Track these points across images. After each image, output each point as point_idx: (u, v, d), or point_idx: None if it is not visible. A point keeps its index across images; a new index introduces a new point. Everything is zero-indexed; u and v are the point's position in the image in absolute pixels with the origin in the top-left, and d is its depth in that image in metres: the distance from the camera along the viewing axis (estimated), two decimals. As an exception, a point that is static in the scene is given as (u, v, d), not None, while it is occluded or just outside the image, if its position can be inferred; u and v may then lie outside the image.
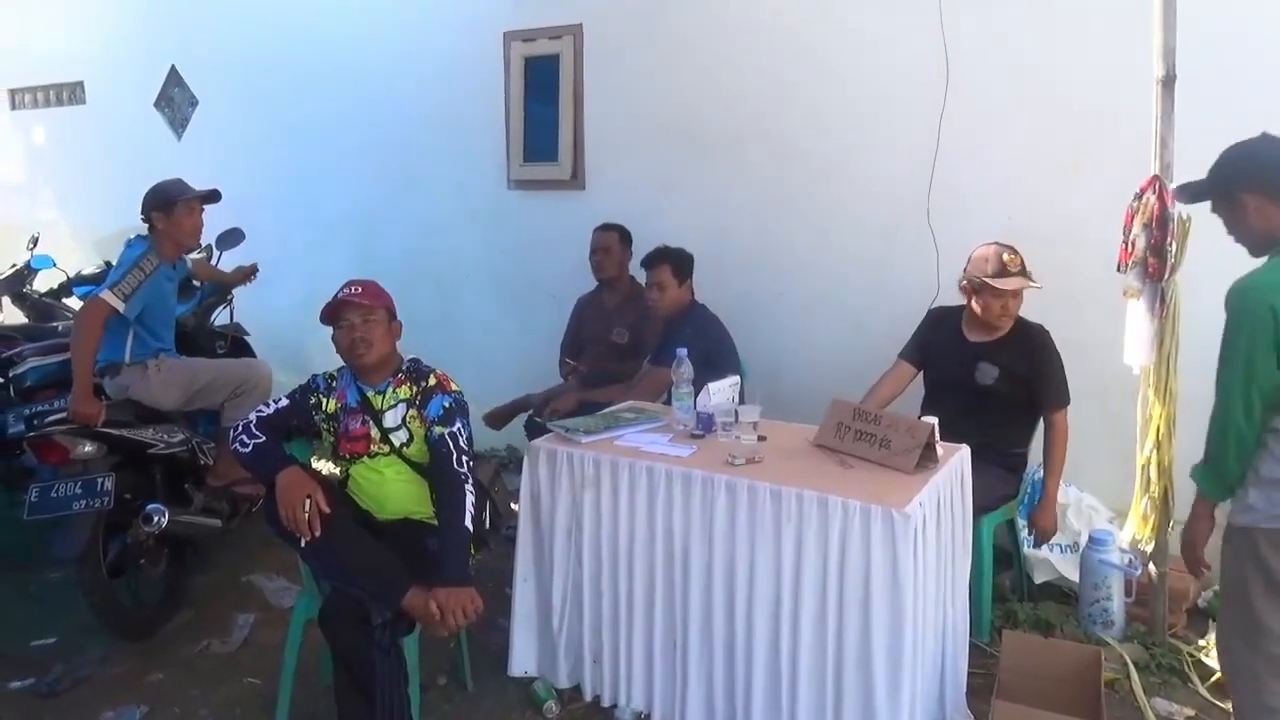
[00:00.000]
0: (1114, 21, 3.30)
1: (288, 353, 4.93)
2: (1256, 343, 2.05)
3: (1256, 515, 2.11)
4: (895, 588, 2.28)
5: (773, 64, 4.17)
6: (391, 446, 2.66)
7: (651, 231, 4.11)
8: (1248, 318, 2.06)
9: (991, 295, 3.12)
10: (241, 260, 4.23)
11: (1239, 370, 2.08)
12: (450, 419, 2.60)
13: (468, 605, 2.38)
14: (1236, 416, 2.09)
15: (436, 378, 2.70)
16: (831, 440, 2.75)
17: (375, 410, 2.68)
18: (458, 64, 5.07)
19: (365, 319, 2.62)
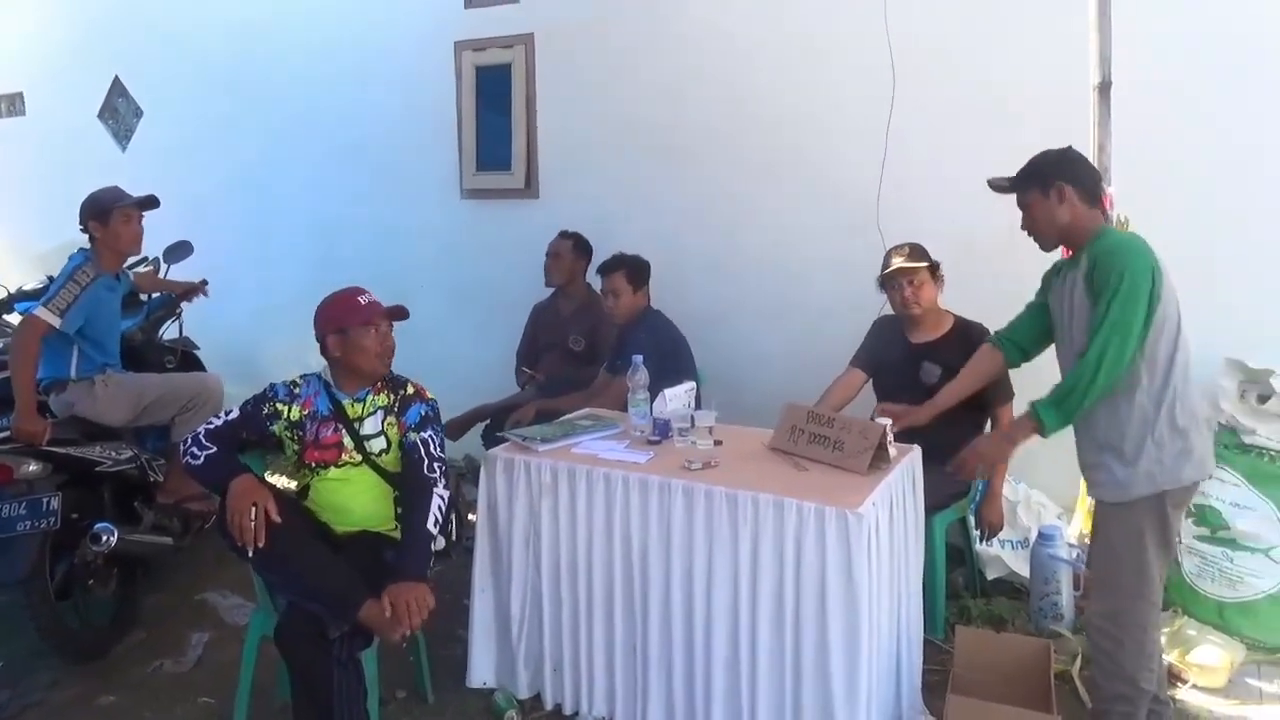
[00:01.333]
0: (1054, 28, 3.39)
1: (240, 366, 4.86)
2: (1136, 293, 2.25)
3: (1163, 480, 2.31)
4: (850, 587, 2.31)
5: (725, 71, 4.21)
6: (365, 455, 2.65)
7: (608, 239, 4.13)
8: (1130, 270, 2.25)
9: (890, 286, 3.30)
10: (191, 274, 4.16)
11: (1136, 319, 2.25)
12: (426, 425, 2.64)
13: (419, 600, 2.34)
14: (1123, 362, 2.27)
15: (414, 386, 2.74)
16: (786, 444, 2.79)
17: (350, 419, 2.66)
18: (409, 74, 5.05)
19: (388, 327, 2.69)
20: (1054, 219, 2.44)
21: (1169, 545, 2.40)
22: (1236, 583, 3.16)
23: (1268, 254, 3.30)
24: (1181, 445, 2.32)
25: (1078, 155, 2.47)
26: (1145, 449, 2.32)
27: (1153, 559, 2.36)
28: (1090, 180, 2.45)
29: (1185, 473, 2.33)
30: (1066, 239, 2.49)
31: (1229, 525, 3.19)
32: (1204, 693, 2.90)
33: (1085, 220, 2.42)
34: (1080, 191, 2.41)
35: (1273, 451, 3.19)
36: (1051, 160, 2.47)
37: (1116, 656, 2.41)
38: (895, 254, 3.32)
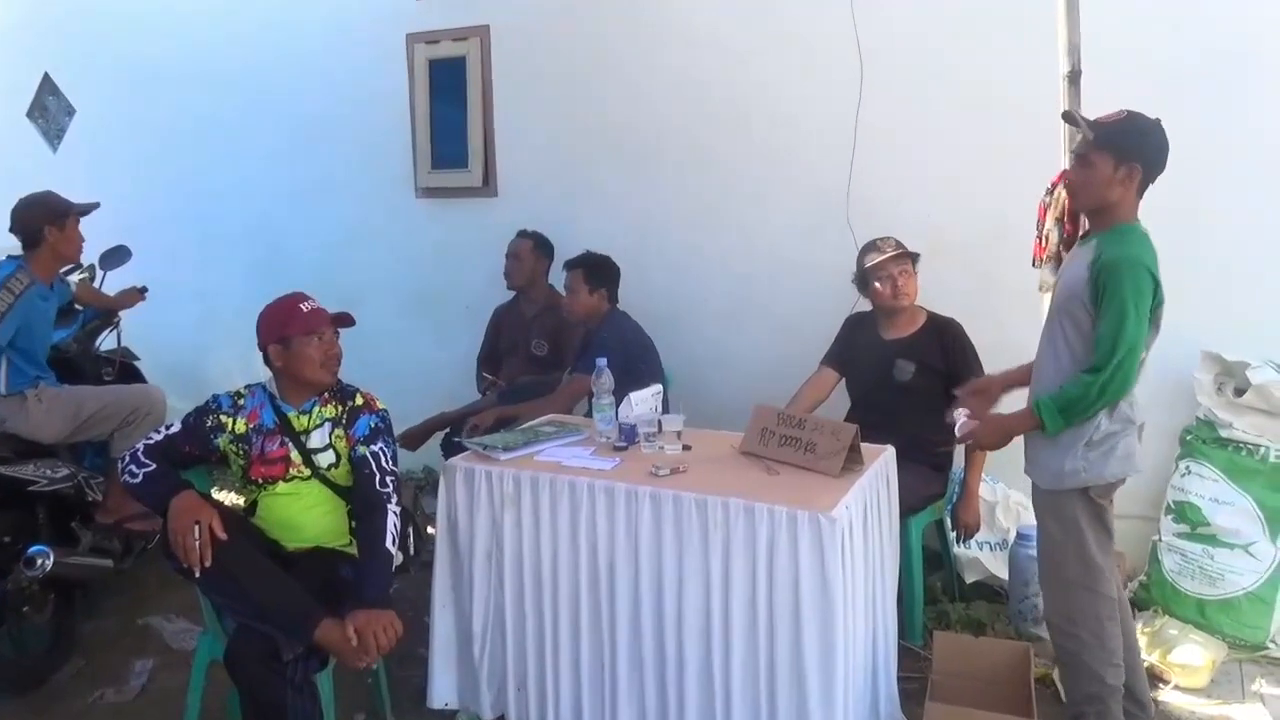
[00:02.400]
0: (1023, 18, 3.34)
1: (183, 377, 4.70)
2: (1143, 306, 2.23)
3: (1088, 476, 2.35)
4: (825, 592, 2.24)
5: (689, 65, 4.13)
6: (314, 469, 2.55)
7: (570, 238, 4.04)
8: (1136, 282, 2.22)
9: (874, 277, 3.22)
10: (128, 281, 3.99)
11: (1140, 331, 2.24)
12: (376, 437, 2.54)
13: (387, 628, 2.25)
14: (1133, 373, 2.26)
15: (363, 397, 2.63)
16: (757, 447, 2.71)
17: (296, 431, 2.56)
18: (358, 68, 4.90)
19: (334, 334, 2.58)
20: (1105, 192, 2.33)
21: (1107, 533, 2.43)
22: (1217, 580, 3.11)
23: (1242, 245, 3.28)
24: (1109, 445, 2.35)
25: (1164, 140, 2.33)
26: (1078, 448, 2.35)
27: (1093, 547, 2.39)
28: (1157, 172, 2.34)
29: (1110, 469, 2.36)
30: (1099, 213, 2.40)
31: (1209, 522, 3.15)
32: (1186, 693, 2.87)
33: (1126, 207, 2.34)
34: (1143, 181, 2.33)
35: (1250, 445, 3.16)
36: (1140, 135, 2.31)
37: (1081, 655, 2.41)
38: (883, 245, 3.25)
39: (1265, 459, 3.14)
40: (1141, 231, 2.33)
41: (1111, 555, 2.45)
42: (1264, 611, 3.05)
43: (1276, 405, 3.12)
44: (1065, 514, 2.42)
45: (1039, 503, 2.52)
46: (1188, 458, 3.28)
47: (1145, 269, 2.24)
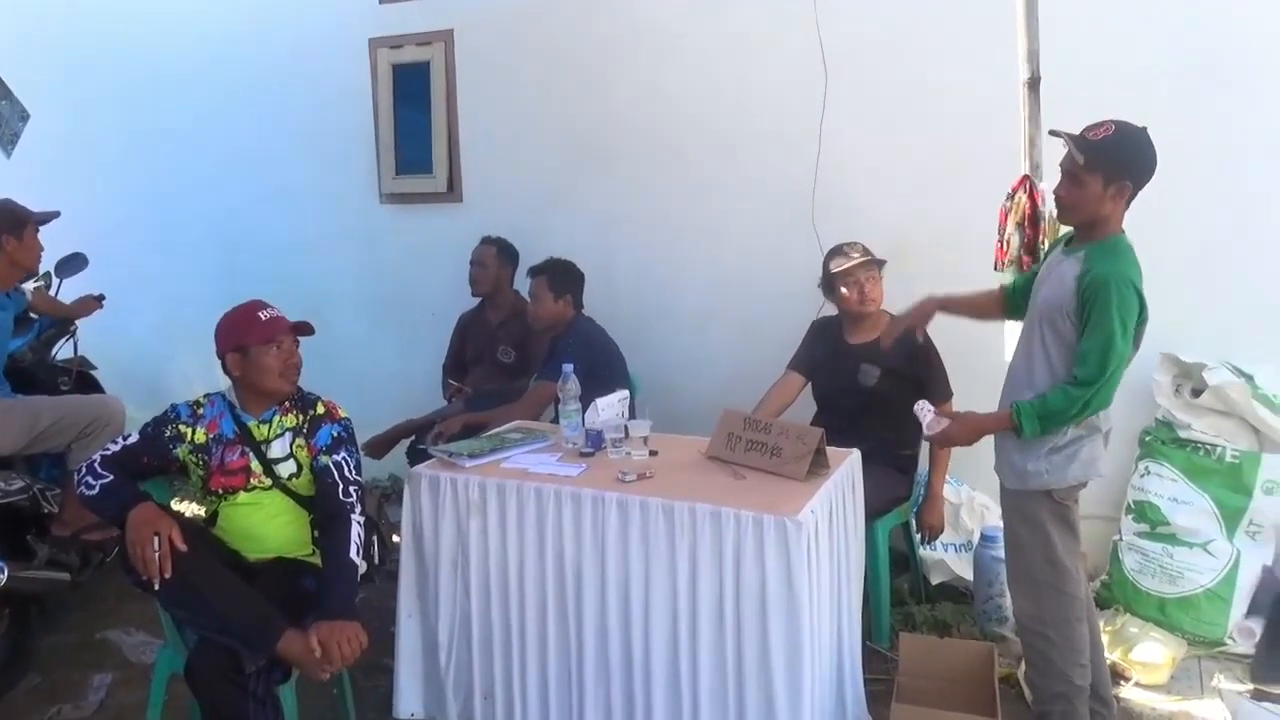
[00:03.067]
0: (983, 25, 3.37)
1: (142, 386, 4.62)
2: (1129, 322, 2.25)
3: (1051, 480, 2.38)
4: (791, 596, 2.25)
5: (656, 70, 4.13)
6: (275, 479, 2.51)
7: (536, 243, 4.02)
8: (1123, 298, 2.23)
9: (841, 283, 3.23)
10: (85, 289, 3.92)
11: (1126, 349, 2.26)
12: (338, 447, 2.51)
13: (352, 639, 2.22)
14: (1115, 389, 2.29)
15: (325, 405, 2.60)
16: (723, 451, 2.71)
17: (256, 441, 2.52)
18: (320, 73, 4.86)
19: (293, 343, 2.54)
20: (1095, 208, 2.32)
21: (1073, 534, 2.46)
22: (1177, 578, 3.16)
23: (1199, 249, 3.33)
24: (1073, 450, 2.38)
25: (1152, 150, 2.32)
26: (1042, 451, 2.38)
27: (1060, 548, 2.41)
28: (1144, 184, 2.34)
29: (1072, 473, 2.39)
30: (1086, 227, 2.39)
31: (1168, 521, 3.19)
32: (1147, 690, 2.90)
33: (1114, 221, 2.35)
34: (1132, 195, 2.33)
35: (1207, 445, 3.21)
36: (1131, 152, 2.30)
37: (1049, 655, 2.44)
38: (850, 251, 3.25)
39: (1222, 459, 3.19)
40: (1127, 244, 2.33)
41: (1078, 556, 2.48)
42: (1222, 608, 3.10)
43: (1232, 406, 3.18)
44: (1031, 515, 2.44)
45: (1005, 503, 2.54)
46: (1147, 458, 3.33)
47: (1132, 286, 2.25)
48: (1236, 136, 3.29)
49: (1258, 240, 3.30)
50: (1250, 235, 3.30)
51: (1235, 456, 3.17)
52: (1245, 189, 3.29)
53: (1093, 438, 2.39)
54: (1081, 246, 2.37)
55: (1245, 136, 3.28)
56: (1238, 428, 3.21)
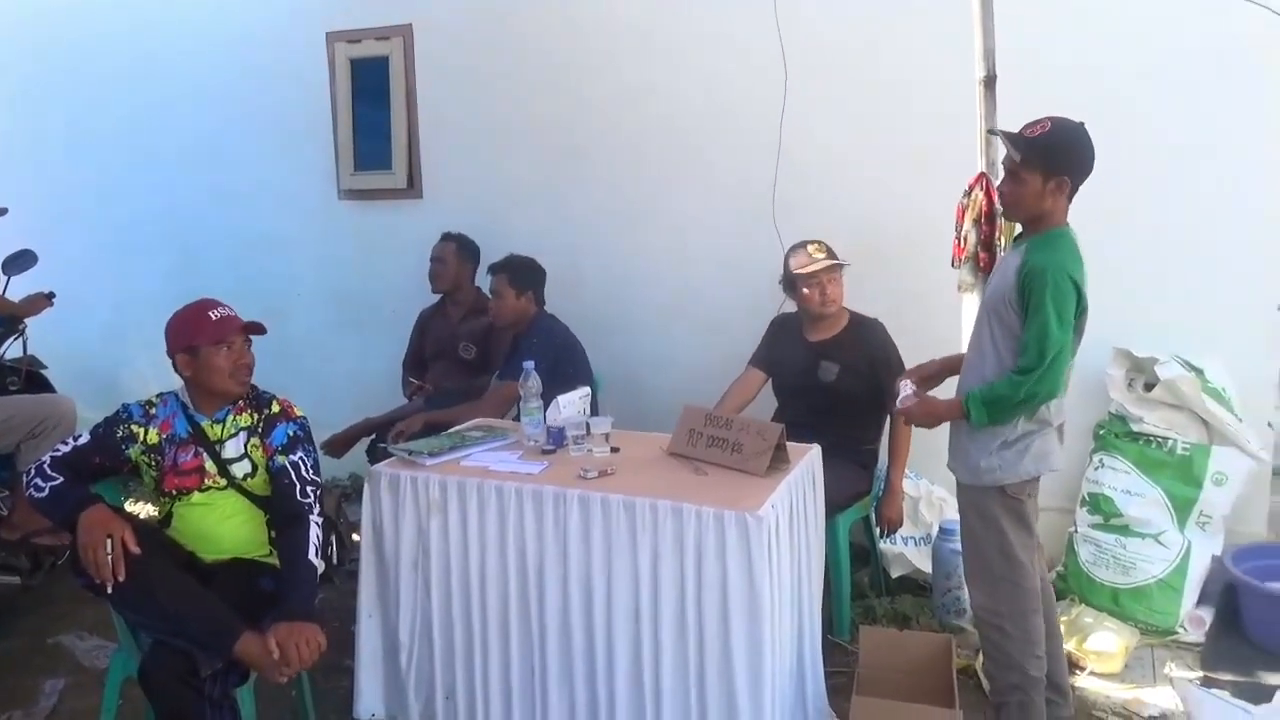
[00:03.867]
0: (940, 23, 3.41)
1: (95, 386, 4.53)
2: (1066, 313, 2.28)
3: (1003, 475, 2.41)
4: (752, 591, 2.26)
5: (615, 65, 4.13)
6: (230, 479, 2.48)
7: (498, 241, 3.99)
8: (1059, 290, 2.27)
9: (803, 284, 3.24)
10: (34, 286, 3.83)
11: (1065, 337, 2.28)
12: (295, 446, 2.49)
13: (310, 641, 2.19)
14: (1059, 378, 2.32)
15: (279, 404, 2.56)
16: (684, 448, 2.72)
17: (210, 441, 2.48)
18: (277, 67, 4.79)
19: (244, 343, 2.50)
20: (1035, 203, 2.37)
21: (1027, 528, 2.48)
22: (1130, 569, 3.22)
23: (1150, 246, 3.39)
24: (1024, 445, 2.40)
25: (1089, 148, 2.37)
26: (994, 446, 2.41)
27: (1014, 542, 2.45)
28: (1086, 176, 2.39)
29: (1023, 467, 2.41)
30: (1031, 222, 2.44)
31: (1121, 513, 3.26)
32: (1101, 679, 2.95)
33: (1056, 215, 2.39)
34: (1072, 190, 2.37)
35: (1159, 438, 3.28)
36: (1067, 147, 2.35)
37: (1005, 647, 2.47)
38: (812, 249, 3.26)
39: (1173, 451, 3.26)
40: (1070, 237, 2.37)
41: (1033, 550, 2.51)
42: (1173, 598, 3.16)
43: (1183, 399, 3.24)
44: (984, 510, 2.47)
45: (961, 498, 2.57)
46: (1101, 451, 3.39)
47: (1068, 276, 2.29)
48: (1185, 135, 3.36)
49: (1208, 236, 3.37)
50: (1200, 231, 3.37)
51: (1186, 449, 3.24)
52: (1195, 186, 3.36)
53: (1044, 432, 2.42)
54: (1026, 240, 2.43)
55: (1194, 135, 3.35)
56: (1188, 421, 3.28)
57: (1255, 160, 3.31)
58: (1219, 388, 3.28)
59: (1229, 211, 3.35)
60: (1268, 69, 3.26)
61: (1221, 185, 3.34)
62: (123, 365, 5.23)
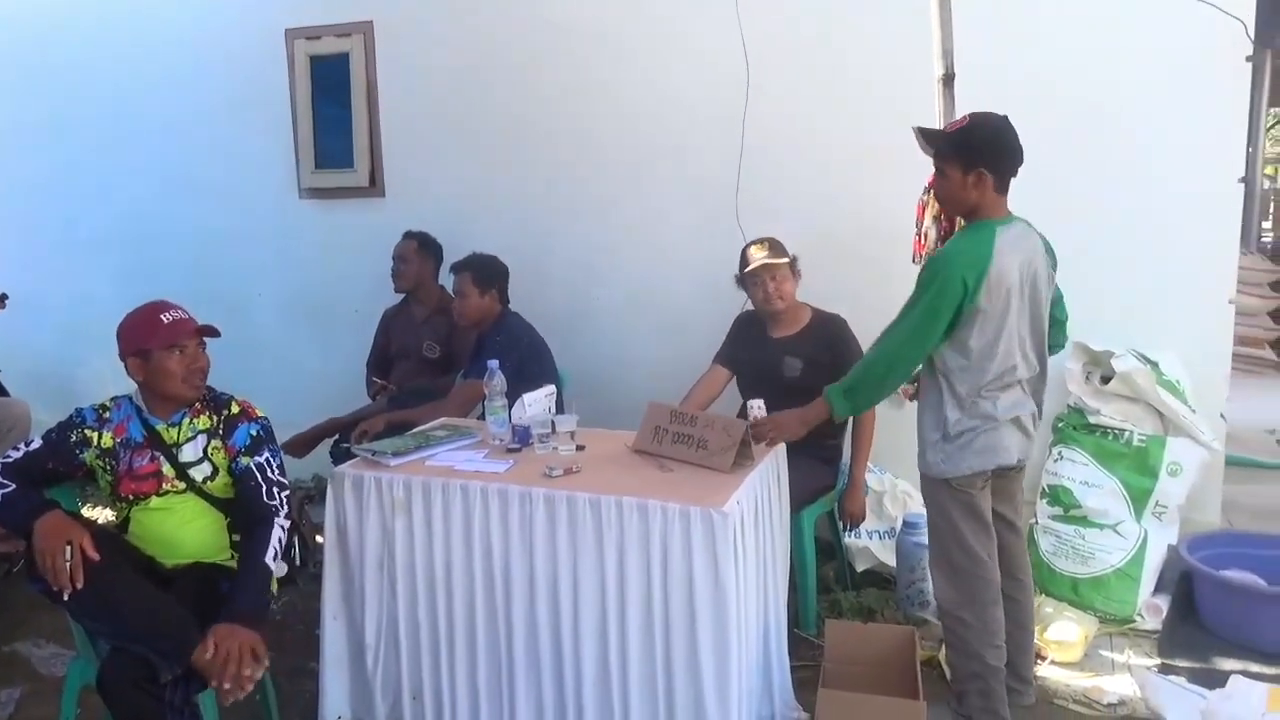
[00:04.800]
0: (899, 22, 3.44)
1: (50, 389, 4.44)
2: (940, 307, 2.32)
3: (947, 469, 2.47)
4: (718, 586, 2.27)
5: (578, 62, 4.12)
6: (190, 483, 2.43)
7: (461, 238, 3.97)
8: (943, 283, 2.32)
9: (751, 283, 3.27)
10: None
11: (921, 325, 2.35)
12: (259, 447, 2.45)
13: (246, 646, 2.14)
14: (911, 368, 2.43)
15: (239, 405, 2.52)
16: (650, 445, 2.72)
17: (167, 445, 2.44)
18: (234, 64, 4.72)
19: (198, 346, 2.44)
20: (960, 196, 2.45)
21: (981, 522, 2.51)
22: (1088, 559, 3.27)
23: (1106, 241, 3.45)
24: (966, 440, 2.45)
25: (1008, 140, 2.42)
26: (939, 441, 2.48)
27: (969, 536, 2.49)
28: (1009, 168, 2.43)
29: (967, 462, 2.46)
30: (966, 216, 2.51)
31: (1080, 504, 3.31)
32: (1061, 667, 3.00)
33: (987, 206, 2.43)
34: (997, 179, 2.41)
35: (1116, 430, 3.34)
36: (980, 141, 2.41)
37: (965, 636, 2.52)
38: (755, 249, 3.28)
39: (1129, 443, 3.32)
40: (988, 230, 2.40)
41: (992, 542, 2.54)
42: (1131, 587, 3.22)
43: (1139, 391, 3.31)
44: (937, 502, 2.54)
45: (922, 490, 2.63)
46: (1060, 444, 3.45)
47: (951, 266, 2.33)
48: (1139, 133, 3.42)
49: (1162, 233, 3.44)
50: (1154, 228, 3.44)
51: (1142, 440, 3.31)
52: (1149, 184, 3.43)
53: (989, 427, 2.44)
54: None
55: (1148, 133, 3.41)
56: (1144, 412, 3.35)
57: (1207, 157, 3.38)
58: (1173, 380, 3.34)
59: (1182, 208, 3.42)
60: (1219, 67, 3.33)
61: (1174, 183, 3.41)
62: (79, 367, 5.13)
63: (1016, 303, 2.40)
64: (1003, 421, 2.45)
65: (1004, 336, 2.39)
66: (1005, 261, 2.36)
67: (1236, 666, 2.79)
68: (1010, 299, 2.38)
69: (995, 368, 2.40)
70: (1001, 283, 2.35)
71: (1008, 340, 2.40)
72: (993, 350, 2.39)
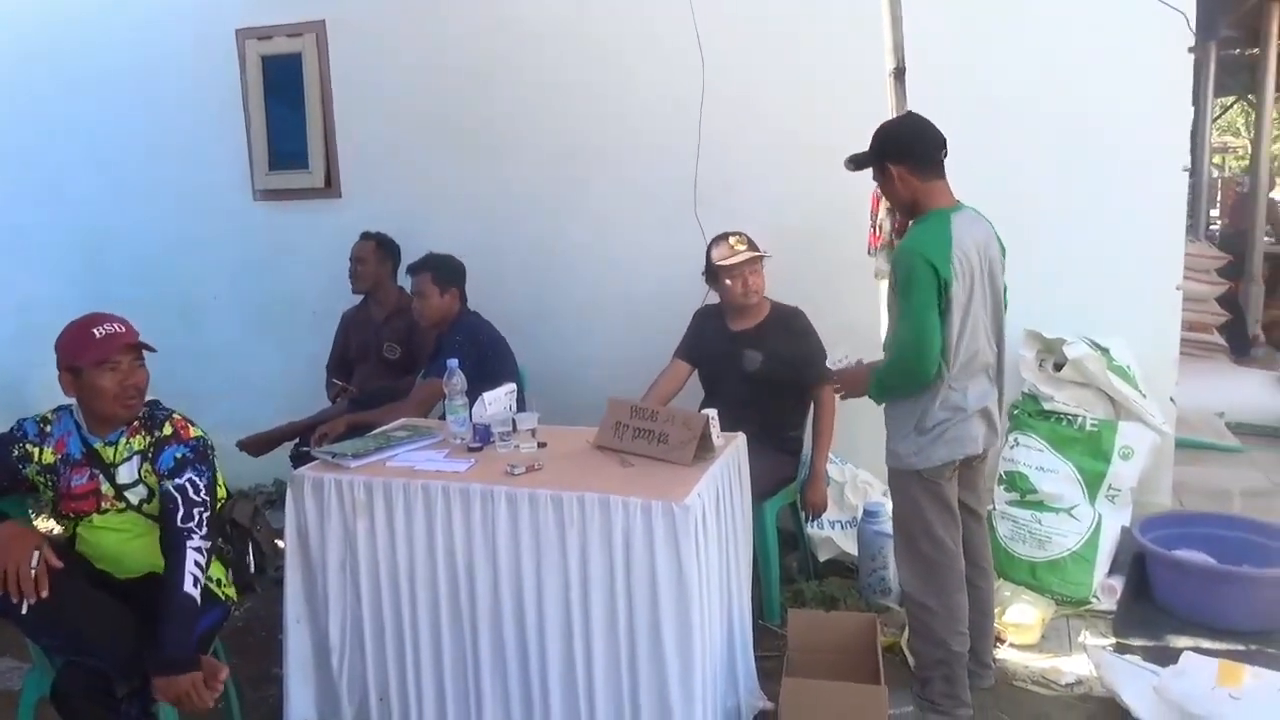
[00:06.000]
0: (851, 17, 3.48)
1: (0, 398, 4.34)
2: (928, 299, 2.37)
3: (918, 461, 2.51)
4: (680, 579, 2.27)
5: (532, 60, 4.12)
6: (129, 504, 2.36)
7: (419, 239, 3.94)
8: (918, 277, 2.37)
9: (726, 275, 3.28)
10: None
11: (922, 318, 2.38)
12: (181, 470, 2.31)
13: (188, 691, 2.08)
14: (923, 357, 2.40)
15: (173, 425, 2.39)
16: (611, 440, 2.72)
17: (106, 464, 2.36)
18: (185, 63, 4.65)
19: (138, 364, 2.32)
20: (896, 196, 2.56)
21: (949, 511, 2.56)
22: (1045, 543, 3.33)
23: (1057, 229, 3.52)
24: (939, 431, 2.49)
25: (908, 130, 2.53)
26: (910, 433, 2.52)
27: (937, 525, 2.54)
28: (921, 154, 2.48)
29: (938, 453, 2.50)
30: (912, 211, 2.56)
31: (1036, 489, 3.37)
32: (1020, 650, 3.05)
33: (924, 197, 2.49)
34: (912, 167, 2.47)
35: (1069, 416, 3.40)
36: (881, 139, 2.53)
37: (930, 623, 2.56)
38: (735, 242, 3.28)
39: (1082, 428, 3.39)
40: (941, 217, 2.45)
41: (958, 531, 2.59)
42: (1086, 569, 3.29)
43: (1090, 377, 3.37)
44: (905, 492, 2.57)
45: (890, 482, 2.66)
46: (1016, 430, 3.50)
47: (919, 257, 2.37)
48: (1088, 124, 3.48)
49: (1111, 221, 3.50)
50: (1104, 216, 3.51)
51: (1094, 425, 3.37)
52: (1098, 173, 3.50)
53: (959, 419, 2.49)
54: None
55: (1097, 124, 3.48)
56: (1096, 398, 3.42)
57: (1153, 148, 3.46)
58: (1124, 365, 3.41)
59: (1129, 198, 3.49)
60: (1163, 59, 3.40)
61: (1122, 173, 3.48)
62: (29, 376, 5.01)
63: (979, 287, 2.45)
64: (972, 413, 2.50)
65: (969, 322, 2.44)
66: (965, 244, 2.42)
67: (1189, 644, 2.86)
68: (974, 283, 2.43)
69: (964, 355, 2.45)
70: (966, 264, 2.40)
71: (973, 325, 2.45)
72: (961, 337, 2.43)
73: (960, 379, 2.47)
